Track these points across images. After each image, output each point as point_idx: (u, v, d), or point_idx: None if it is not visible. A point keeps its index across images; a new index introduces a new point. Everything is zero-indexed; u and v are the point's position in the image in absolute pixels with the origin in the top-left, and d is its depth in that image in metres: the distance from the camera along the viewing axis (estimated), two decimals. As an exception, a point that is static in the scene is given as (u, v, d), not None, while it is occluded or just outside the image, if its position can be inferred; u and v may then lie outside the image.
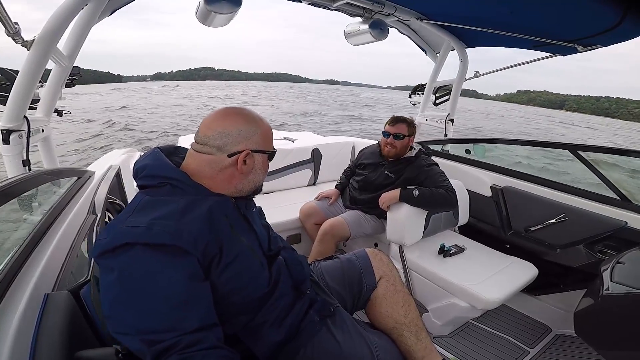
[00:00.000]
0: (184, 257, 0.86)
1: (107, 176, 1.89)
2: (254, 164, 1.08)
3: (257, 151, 1.08)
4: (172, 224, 0.87)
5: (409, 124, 2.47)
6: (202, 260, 0.90)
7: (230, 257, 0.96)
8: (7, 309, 0.83)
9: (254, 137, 1.06)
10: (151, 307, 0.80)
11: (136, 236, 0.83)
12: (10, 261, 0.97)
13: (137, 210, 0.92)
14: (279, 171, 3.46)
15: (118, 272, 0.81)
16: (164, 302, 0.80)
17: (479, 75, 3.48)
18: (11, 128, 1.68)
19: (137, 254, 0.82)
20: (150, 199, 0.95)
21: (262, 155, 1.10)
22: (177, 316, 0.81)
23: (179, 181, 1.00)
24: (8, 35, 1.54)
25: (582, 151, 2.27)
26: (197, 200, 0.98)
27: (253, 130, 1.07)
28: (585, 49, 2.38)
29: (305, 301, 1.19)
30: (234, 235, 1.01)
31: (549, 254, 2.33)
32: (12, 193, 1.07)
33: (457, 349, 2.05)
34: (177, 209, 0.92)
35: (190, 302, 0.83)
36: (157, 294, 0.80)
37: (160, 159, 1.04)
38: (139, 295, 0.80)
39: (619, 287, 1.30)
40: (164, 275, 0.82)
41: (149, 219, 0.86)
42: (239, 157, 1.04)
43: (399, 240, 2.30)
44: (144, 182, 1.02)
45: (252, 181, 1.11)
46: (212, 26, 2.20)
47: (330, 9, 2.57)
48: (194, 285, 0.85)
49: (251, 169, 1.08)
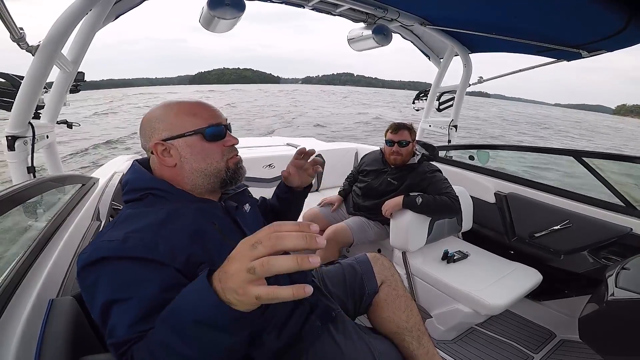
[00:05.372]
0: (159, 269, 0.83)
1: (111, 183, 1.89)
2: (179, 152, 0.98)
3: (171, 138, 0.98)
4: (149, 236, 0.85)
5: (409, 130, 2.48)
6: (183, 269, 0.86)
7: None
8: (13, 314, 0.84)
9: (159, 125, 0.98)
10: (125, 313, 0.78)
11: (111, 250, 0.81)
12: (16, 267, 0.97)
13: (117, 224, 0.90)
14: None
15: (98, 284, 0.80)
16: (137, 307, 0.78)
17: (483, 81, 3.48)
18: (16, 134, 1.69)
19: (114, 267, 0.81)
20: (131, 212, 0.94)
21: (183, 139, 0.98)
22: (148, 321, 0.77)
23: (159, 190, 0.98)
24: (13, 41, 1.55)
25: (587, 157, 2.27)
26: (180, 208, 0.95)
27: (157, 119, 0.99)
28: (590, 55, 2.38)
29: (306, 306, 1.18)
30: (224, 242, 0.97)
31: (553, 260, 2.32)
32: (18, 199, 1.08)
33: (461, 355, 2.04)
34: (155, 221, 0.90)
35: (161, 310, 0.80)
36: (132, 299, 0.78)
37: (138, 171, 1.02)
38: (116, 303, 0.78)
39: (624, 293, 1.29)
40: (138, 283, 0.80)
41: (125, 233, 0.85)
42: (156, 152, 0.98)
43: (402, 247, 2.29)
44: (127, 197, 1.01)
45: (194, 171, 1.00)
46: (216, 32, 2.21)
47: (333, 14, 2.58)
48: (169, 295, 0.79)
49: (179, 159, 0.99)
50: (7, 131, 1.68)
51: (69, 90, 2.11)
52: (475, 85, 3.51)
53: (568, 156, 2.40)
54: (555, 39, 2.34)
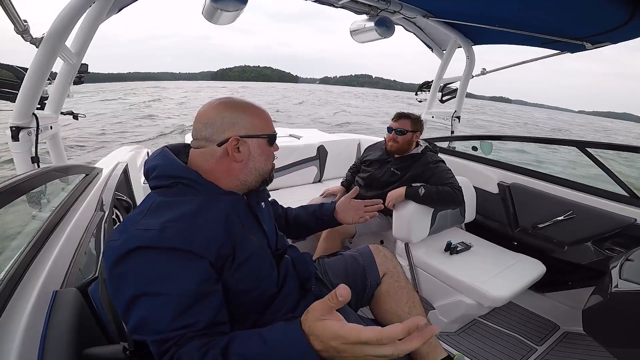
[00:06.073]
0: (195, 261, 0.85)
1: (114, 173, 1.89)
2: (249, 150, 1.03)
3: (248, 136, 1.03)
4: (185, 226, 0.86)
5: (413, 120, 2.46)
6: (215, 262, 0.88)
7: (243, 258, 0.95)
8: (17, 306, 0.84)
9: (240, 122, 1.02)
10: (162, 309, 0.79)
11: (148, 240, 0.82)
12: (20, 258, 0.97)
13: (150, 212, 0.90)
14: (285, 168, 3.47)
15: (131, 275, 0.81)
16: (175, 303, 0.80)
17: (486, 73, 3.45)
18: (20, 125, 1.70)
19: (149, 258, 0.82)
20: (163, 200, 0.94)
21: (256, 140, 1.05)
22: (186, 317, 0.80)
23: (190, 180, 0.98)
24: (17, 33, 1.56)
25: (590, 148, 2.26)
26: (210, 200, 0.97)
27: (239, 116, 1.03)
28: (594, 47, 2.36)
29: (311, 298, 1.18)
30: (245, 236, 1.00)
31: (556, 251, 2.32)
32: (21, 190, 1.08)
33: (464, 347, 2.04)
34: (190, 210, 0.90)
35: (200, 303, 0.83)
36: (169, 295, 0.80)
37: (170, 158, 1.02)
38: (151, 296, 0.80)
39: (628, 285, 1.29)
40: (175, 278, 0.81)
41: (162, 222, 0.85)
42: (228, 145, 1.00)
43: (405, 238, 2.29)
44: (155, 183, 1.01)
45: (254, 170, 1.07)
46: (218, 24, 2.20)
47: (336, 6, 2.56)
48: (204, 288, 0.84)
49: (247, 156, 1.03)
50: (11, 122, 1.69)
51: (73, 82, 2.12)
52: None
53: (571, 147, 2.39)
54: (559, 31, 2.32)
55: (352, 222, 1.49)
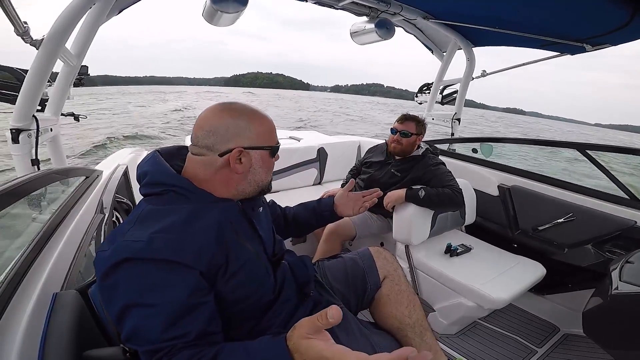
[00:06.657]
0: (185, 272, 0.83)
1: (114, 175, 1.89)
2: (251, 162, 1.00)
3: (252, 148, 0.99)
4: (174, 237, 0.85)
5: (417, 123, 2.46)
6: (206, 271, 0.87)
7: (237, 266, 0.94)
8: (17, 308, 0.84)
9: (245, 132, 0.98)
10: (153, 320, 0.79)
11: (136, 251, 0.80)
12: (20, 260, 0.97)
13: (139, 222, 0.88)
14: (285, 170, 3.46)
15: (121, 285, 0.80)
16: (165, 315, 0.79)
17: (487, 74, 3.46)
18: (20, 127, 1.69)
19: (138, 269, 0.80)
20: (153, 209, 0.92)
21: (259, 151, 1.01)
22: (176, 328, 0.79)
23: (181, 188, 0.96)
24: (17, 35, 1.56)
25: (591, 150, 2.26)
26: (202, 207, 0.94)
27: (244, 126, 0.98)
28: (594, 48, 2.37)
29: (309, 303, 1.18)
30: (239, 243, 0.98)
31: (557, 254, 2.31)
32: (22, 192, 1.08)
33: (464, 349, 2.04)
34: (180, 219, 0.88)
35: (191, 315, 0.82)
36: (159, 306, 0.79)
37: (160, 164, 0.99)
38: (142, 307, 0.79)
39: (628, 287, 1.29)
40: (165, 289, 0.81)
41: (150, 233, 0.83)
42: (231, 157, 0.96)
43: (405, 240, 2.29)
44: (145, 191, 0.99)
45: (253, 182, 1.04)
46: (219, 25, 2.20)
47: (336, 8, 2.57)
48: (195, 299, 0.83)
49: (248, 168, 1.00)
50: (12, 124, 1.68)
51: (73, 84, 2.12)
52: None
53: (572, 149, 2.39)
54: (559, 32, 2.32)
55: (353, 214, 1.49)
